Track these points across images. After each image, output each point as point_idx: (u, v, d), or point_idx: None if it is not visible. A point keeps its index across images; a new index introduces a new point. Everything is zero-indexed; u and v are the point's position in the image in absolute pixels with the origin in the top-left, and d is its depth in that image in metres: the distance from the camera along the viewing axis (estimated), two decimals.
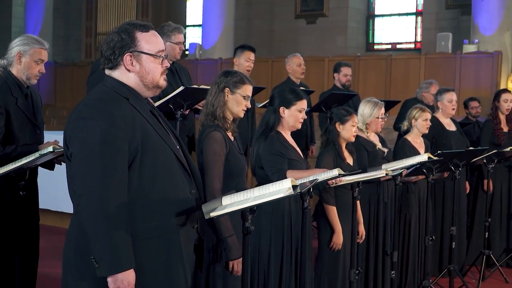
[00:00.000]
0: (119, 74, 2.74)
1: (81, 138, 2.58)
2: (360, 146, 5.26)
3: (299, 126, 4.26)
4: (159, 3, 15.81)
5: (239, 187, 3.49)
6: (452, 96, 6.52)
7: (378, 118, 5.33)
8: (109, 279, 2.53)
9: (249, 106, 3.67)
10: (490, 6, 11.97)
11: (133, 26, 2.74)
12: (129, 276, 2.54)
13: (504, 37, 12.08)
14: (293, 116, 4.18)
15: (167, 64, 2.80)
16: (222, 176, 3.46)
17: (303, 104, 4.20)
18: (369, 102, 5.38)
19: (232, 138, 3.63)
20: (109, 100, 2.65)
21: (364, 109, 5.36)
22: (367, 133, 5.38)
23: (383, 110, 5.39)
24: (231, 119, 3.64)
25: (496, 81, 11.51)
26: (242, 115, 3.66)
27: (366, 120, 5.34)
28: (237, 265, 3.36)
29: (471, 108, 8.57)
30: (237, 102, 3.60)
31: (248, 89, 3.63)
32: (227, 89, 3.58)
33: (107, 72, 2.77)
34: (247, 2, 16.81)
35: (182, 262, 2.77)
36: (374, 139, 5.43)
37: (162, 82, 2.80)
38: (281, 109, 4.18)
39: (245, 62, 6.53)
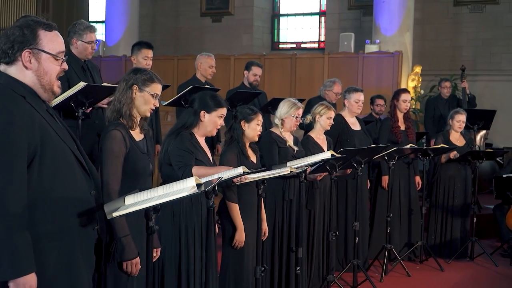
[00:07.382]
0: (15, 70, 2.65)
1: None
2: (272, 140, 5.40)
3: (215, 132, 4.35)
4: None
5: (143, 188, 3.42)
6: (360, 96, 6.67)
7: (293, 116, 5.44)
8: (11, 284, 2.46)
9: (157, 105, 3.61)
10: (391, 7, 12.31)
11: (36, 23, 2.67)
12: (31, 280, 2.49)
13: (405, 37, 12.45)
14: (212, 122, 4.25)
15: (65, 66, 2.74)
16: (119, 175, 3.38)
17: (223, 111, 4.29)
18: (289, 101, 5.56)
19: (141, 137, 3.56)
20: (5, 98, 2.55)
21: (283, 106, 5.51)
22: (281, 129, 5.47)
23: (300, 111, 5.53)
24: (139, 118, 3.56)
25: (397, 81, 11.84)
26: (148, 114, 3.60)
27: (282, 116, 5.46)
28: (131, 266, 3.28)
29: (376, 105, 8.80)
30: (145, 100, 3.53)
31: (157, 88, 3.58)
32: (135, 87, 3.52)
33: (2, 67, 2.67)
34: None
35: (83, 264, 2.72)
36: (288, 137, 5.52)
37: (56, 89, 2.73)
38: (202, 113, 4.22)
39: (143, 60, 6.32)
